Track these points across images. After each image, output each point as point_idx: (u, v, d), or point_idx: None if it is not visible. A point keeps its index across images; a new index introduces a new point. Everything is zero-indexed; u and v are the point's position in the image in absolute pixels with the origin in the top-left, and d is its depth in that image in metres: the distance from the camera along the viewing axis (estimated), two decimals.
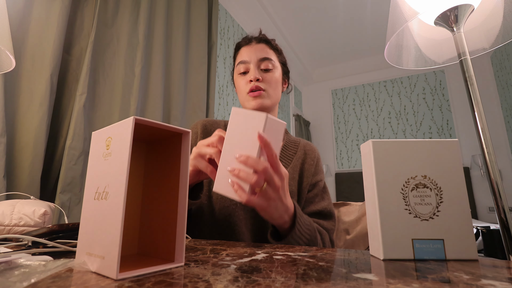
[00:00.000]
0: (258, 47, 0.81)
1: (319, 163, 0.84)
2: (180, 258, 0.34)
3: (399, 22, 0.65)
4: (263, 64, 0.78)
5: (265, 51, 0.81)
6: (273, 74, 0.79)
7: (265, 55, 0.79)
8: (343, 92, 4.48)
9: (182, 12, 1.84)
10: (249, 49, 0.81)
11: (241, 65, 0.79)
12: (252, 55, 0.79)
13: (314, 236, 0.62)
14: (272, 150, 0.46)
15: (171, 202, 0.37)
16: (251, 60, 0.79)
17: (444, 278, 0.28)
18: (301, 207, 0.75)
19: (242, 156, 0.44)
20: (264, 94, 0.76)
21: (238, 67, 0.81)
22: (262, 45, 0.82)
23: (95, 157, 0.35)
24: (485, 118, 0.56)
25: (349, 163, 4.22)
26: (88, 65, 1.25)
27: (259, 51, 0.80)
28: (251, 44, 0.82)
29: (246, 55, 0.80)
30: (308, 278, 0.28)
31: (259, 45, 0.82)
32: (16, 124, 1.07)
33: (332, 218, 0.75)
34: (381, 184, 0.39)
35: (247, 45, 0.82)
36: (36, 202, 0.76)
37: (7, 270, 0.27)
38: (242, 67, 0.79)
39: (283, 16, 3.16)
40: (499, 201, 0.52)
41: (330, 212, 0.75)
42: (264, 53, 0.80)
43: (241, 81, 0.80)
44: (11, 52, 0.76)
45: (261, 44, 0.82)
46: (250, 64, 0.79)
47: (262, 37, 0.84)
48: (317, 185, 0.79)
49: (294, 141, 0.86)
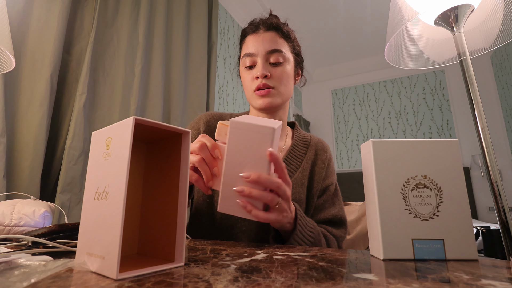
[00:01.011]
0: (267, 37, 0.70)
1: (330, 165, 0.76)
2: (180, 258, 0.34)
3: (399, 22, 0.65)
4: (272, 57, 0.68)
5: (275, 41, 0.70)
6: (283, 68, 0.69)
7: (274, 46, 0.69)
8: (343, 92, 4.48)
9: (182, 12, 1.84)
10: (256, 39, 0.70)
11: (247, 57, 0.70)
12: (259, 47, 0.69)
13: (318, 239, 0.59)
14: (281, 164, 0.43)
15: (171, 202, 0.37)
16: (258, 52, 0.69)
17: (444, 278, 0.28)
18: (309, 214, 0.70)
19: (252, 176, 0.41)
20: (273, 92, 0.68)
21: (243, 59, 0.71)
22: (272, 33, 0.70)
23: (95, 157, 0.35)
24: (485, 118, 0.56)
25: (349, 163, 4.22)
26: (88, 65, 1.25)
27: (268, 42, 0.69)
28: (258, 33, 0.71)
29: (253, 46, 0.70)
30: (308, 278, 0.28)
31: (267, 33, 0.70)
32: (16, 124, 1.07)
33: (343, 225, 0.70)
34: (381, 184, 0.39)
35: (254, 33, 0.71)
36: (36, 202, 0.76)
37: (7, 270, 0.27)
38: (248, 60, 0.70)
39: (283, 16, 3.15)
40: (499, 201, 0.52)
41: (341, 219, 0.70)
42: (273, 44, 0.69)
43: (247, 76, 0.71)
44: (11, 52, 0.76)
45: (271, 32, 0.71)
46: (257, 58, 0.69)
47: (271, 23, 0.72)
48: (328, 190, 0.72)
49: (304, 139, 0.78)
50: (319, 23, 3.33)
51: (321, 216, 0.69)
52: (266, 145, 0.41)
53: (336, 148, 4.34)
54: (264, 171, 0.42)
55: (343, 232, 0.69)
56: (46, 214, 0.73)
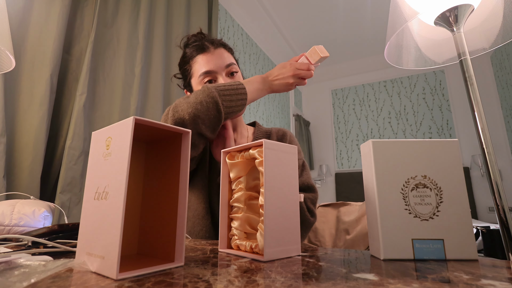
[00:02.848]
0: (219, 53, 0.76)
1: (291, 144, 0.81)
2: (180, 258, 0.34)
3: (399, 22, 0.65)
4: (229, 70, 0.76)
5: (227, 56, 0.77)
6: (239, 76, 0.78)
7: (229, 60, 0.76)
8: (343, 92, 4.48)
9: (182, 12, 1.84)
10: (211, 57, 0.75)
11: (206, 75, 0.75)
12: (217, 63, 0.75)
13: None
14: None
15: (171, 202, 0.37)
16: (217, 69, 0.74)
17: (444, 278, 0.28)
18: None
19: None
20: None
21: (202, 77, 0.75)
22: (221, 49, 0.78)
23: (95, 157, 0.35)
24: (485, 118, 0.56)
25: (349, 163, 4.22)
26: (88, 65, 1.25)
27: (222, 58, 0.76)
28: (209, 51, 0.76)
29: (210, 64, 0.74)
30: (308, 278, 0.28)
31: (218, 50, 0.77)
32: (16, 124, 1.07)
33: (312, 191, 0.73)
34: (381, 184, 0.39)
35: (206, 53, 0.76)
36: (36, 202, 0.76)
37: (7, 270, 0.27)
38: (208, 77, 0.75)
39: (283, 16, 3.16)
40: (499, 201, 0.52)
41: (308, 186, 0.73)
42: (227, 58, 0.76)
43: None
44: (11, 52, 0.76)
45: (220, 48, 0.78)
46: (217, 74, 0.75)
47: (218, 41, 0.79)
48: None
49: (265, 132, 0.84)
50: (319, 23, 3.33)
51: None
52: (293, 161, 0.43)
53: (336, 148, 4.34)
54: (296, 190, 0.43)
55: (311, 195, 0.72)
56: (46, 214, 0.73)
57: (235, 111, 0.65)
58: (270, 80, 0.72)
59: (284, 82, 0.72)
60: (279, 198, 0.40)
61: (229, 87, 0.64)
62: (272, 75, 0.72)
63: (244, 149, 0.45)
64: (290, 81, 0.72)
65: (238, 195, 0.45)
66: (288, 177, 0.42)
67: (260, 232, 0.39)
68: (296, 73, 0.72)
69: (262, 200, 0.38)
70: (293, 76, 0.72)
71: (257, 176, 0.47)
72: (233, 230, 0.45)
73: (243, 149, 0.45)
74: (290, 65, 0.72)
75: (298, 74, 0.72)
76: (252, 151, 0.42)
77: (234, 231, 0.44)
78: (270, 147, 0.40)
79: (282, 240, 0.39)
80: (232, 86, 0.64)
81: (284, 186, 0.41)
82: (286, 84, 0.72)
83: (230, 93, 0.63)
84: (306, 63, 0.73)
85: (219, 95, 0.61)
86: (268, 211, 0.38)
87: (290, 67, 0.72)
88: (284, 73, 0.72)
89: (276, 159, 0.41)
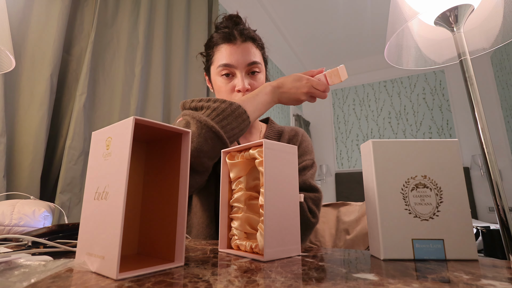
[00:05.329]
0: (245, 48, 0.71)
1: (302, 145, 0.77)
2: (180, 258, 0.34)
3: (399, 22, 0.65)
4: (251, 69, 0.71)
5: (253, 53, 0.71)
6: (259, 77, 0.73)
7: (253, 58, 0.71)
8: (343, 92, 4.48)
9: (182, 12, 1.84)
10: (235, 50, 0.70)
11: (225, 67, 0.70)
12: (239, 59, 0.70)
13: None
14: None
15: (171, 202, 0.37)
16: (238, 65, 0.70)
17: (444, 278, 0.28)
18: None
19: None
20: None
21: (220, 68, 0.71)
22: (249, 44, 0.72)
23: (95, 157, 0.35)
24: (485, 118, 0.56)
25: (349, 163, 4.22)
26: (88, 65, 1.25)
27: (247, 54, 0.70)
28: (235, 43, 0.71)
29: (232, 58, 0.70)
30: (308, 278, 0.28)
31: (245, 44, 0.71)
32: (16, 124, 1.07)
33: (312, 190, 0.69)
34: (381, 184, 0.39)
35: (231, 44, 0.71)
36: (36, 202, 0.76)
37: (7, 270, 0.27)
38: (226, 70, 0.71)
39: (283, 16, 3.16)
40: (499, 201, 0.52)
41: (310, 186, 0.69)
42: (252, 55, 0.71)
43: (224, 86, 0.72)
44: (11, 52, 0.76)
45: (248, 43, 0.72)
46: (236, 70, 0.70)
47: (247, 34, 0.72)
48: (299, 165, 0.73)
49: (277, 131, 0.80)
50: (319, 23, 3.33)
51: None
52: (294, 161, 0.43)
53: (336, 148, 4.34)
54: (296, 191, 0.43)
55: (313, 195, 0.68)
56: (46, 214, 0.73)
57: (240, 134, 0.60)
58: (281, 92, 0.67)
59: (296, 97, 0.67)
60: (279, 198, 0.40)
61: (223, 112, 0.57)
62: (284, 87, 0.67)
63: (244, 149, 0.45)
64: (302, 98, 0.66)
65: (238, 195, 0.45)
66: (288, 177, 0.42)
67: (260, 232, 0.39)
68: (311, 91, 0.66)
69: (262, 200, 0.38)
70: (306, 93, 0.66)
71: (257, 176, 0.47)
72: (233, 230, 0.45)
73: (243, 149, 0.45)
74: (307, 81, 0.66)
75: (313, 93, 0.66)
76: (252, 151, 0.42)
77: (234, 231, 0.44)
78: (270, 147, 0.40)
79: (282, 240, 0.39)
80: (226, 111, 0.58)
81: (284, 186, 0.41)
82: (297, 100, 0.67)
83: (229, 121, 0.57)
84: (324, 83, 0.66)
85: (220, 127, 0.56)
86: (268, 211, 0.38)
87: (306, 83, 0.66)
88: (298, 88, 0.66)
89: (276, 159, 0.41)
